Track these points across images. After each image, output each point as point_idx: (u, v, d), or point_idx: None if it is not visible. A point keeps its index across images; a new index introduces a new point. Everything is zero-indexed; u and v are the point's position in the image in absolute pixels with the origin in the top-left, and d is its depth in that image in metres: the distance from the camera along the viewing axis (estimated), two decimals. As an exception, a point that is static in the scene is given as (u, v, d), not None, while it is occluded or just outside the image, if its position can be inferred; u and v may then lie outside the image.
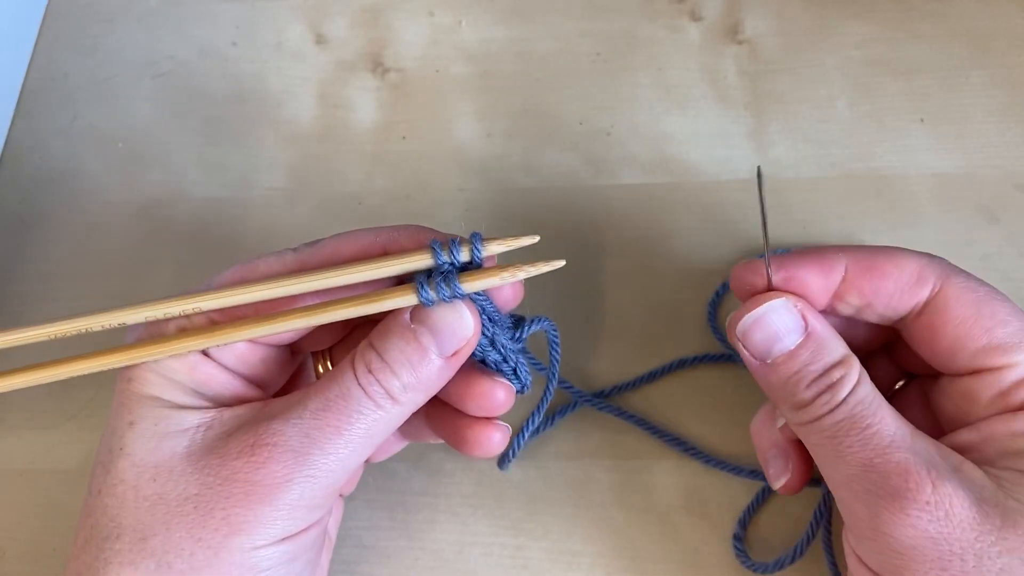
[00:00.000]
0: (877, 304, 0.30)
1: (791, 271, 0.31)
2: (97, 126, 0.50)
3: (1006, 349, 0.28)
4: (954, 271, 0.30)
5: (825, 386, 0.29)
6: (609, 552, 0.38)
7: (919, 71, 0.46)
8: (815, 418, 0.29)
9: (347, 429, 0.28)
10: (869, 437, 0.28)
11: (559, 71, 0.49)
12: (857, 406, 0.28)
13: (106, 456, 0.29)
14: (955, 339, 0.29)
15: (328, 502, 0.30)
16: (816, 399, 0.29)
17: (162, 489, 0.28)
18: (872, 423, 0.28)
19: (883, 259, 0.30)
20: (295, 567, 0.29)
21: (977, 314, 0.29)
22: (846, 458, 0.28)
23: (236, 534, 0.27)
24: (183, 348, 0.30)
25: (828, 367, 0.29)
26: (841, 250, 0.31)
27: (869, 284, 0.30)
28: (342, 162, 0.48)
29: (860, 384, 0.29)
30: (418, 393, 0.30)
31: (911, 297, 0.30)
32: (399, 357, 0.29)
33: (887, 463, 0.27)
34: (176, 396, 0.30)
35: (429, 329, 0.29)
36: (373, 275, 0.30)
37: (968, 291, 0.29)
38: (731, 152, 0.45)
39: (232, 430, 0.29)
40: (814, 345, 0.30)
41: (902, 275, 0.30)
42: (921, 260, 0.30)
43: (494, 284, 0.30)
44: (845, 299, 0.31)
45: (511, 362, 0.33)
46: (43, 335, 0.30)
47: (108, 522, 0.28)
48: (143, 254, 0.46)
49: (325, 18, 0.52)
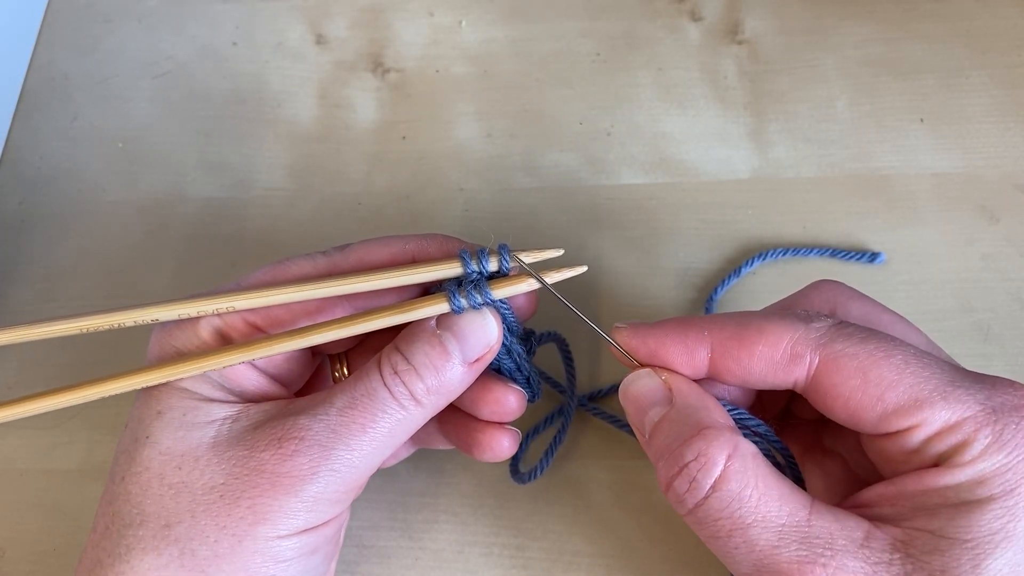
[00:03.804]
0: (751, 383, 0.29)
1: (654, 348, 0.29)
2: (97, 126, 0.50)
3: (903, 412, 0.26)
4: (832, 335, 0.27)
5: (688, 478, 0.27)
6: (609, 552, 0.38)
7: (919, 71, 0.46)
8: (689, 511, 0.27)
9: (372, 427, 0.29)
10: (753, 538, 0.26)
11: (559, 71, 0.49)
12: (730, 503, 0.26)
13: (130, 444, 0.30)
14: (848, 413, 0.27)
15: (349, 497, 0.30)
16: (686, 493, 0.27)
17: (187, 477, 0.29)
18: (752, 521, 0.26)
19: (751, 336, 0.28)
20: (314, 560, 0.30)
21: (863, 384, 0.26)
22: (737, 560, 0.26)
23: (260, 523, 0.28)
24: (221, 363, 0.30)
25: (685, 446, 0.27)
26: (705, 327, 0.29)
27: (736, 366, 0.28)
28: (342, 162, 0.48)
29: (729, 469, 0.26)
30: (440, 397, 0.30)
31: (787, 375, 0.28)
32: (425, 361, 0.30)
33: (778, 564, 0.25)
34: (204, 389, 0.31)
35: (455, 335, 0.30)
36: (404, 281, 0.31)
37: (848, 359, 0.26)
38: (731, 152, 0.45)
39: (259, 424, 0.30)
40: (676, 416, 0.28)
41: (774, 354, 0.27)
42: (794, 333, 0.27)
43: (522, 290, 0.31)
44: (719, 376, 0.29)
45: (524, 371, 0.34)
46: (74, 329, 0.30)
47: (131, 509, 0.29)
48: (143, 254, 0.46)
49: (325, 18, 0.52)
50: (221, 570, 0.28)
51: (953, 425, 0.25)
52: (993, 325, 0.40)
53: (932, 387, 0.26)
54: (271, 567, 0.28)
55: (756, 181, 0.45)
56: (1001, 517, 0.24)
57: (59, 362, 0.43)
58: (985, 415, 0.25)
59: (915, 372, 0.26)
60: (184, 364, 0.30)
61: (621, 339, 0.30)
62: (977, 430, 0.25)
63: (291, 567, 0.29)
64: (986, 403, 0.26)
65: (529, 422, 0.40)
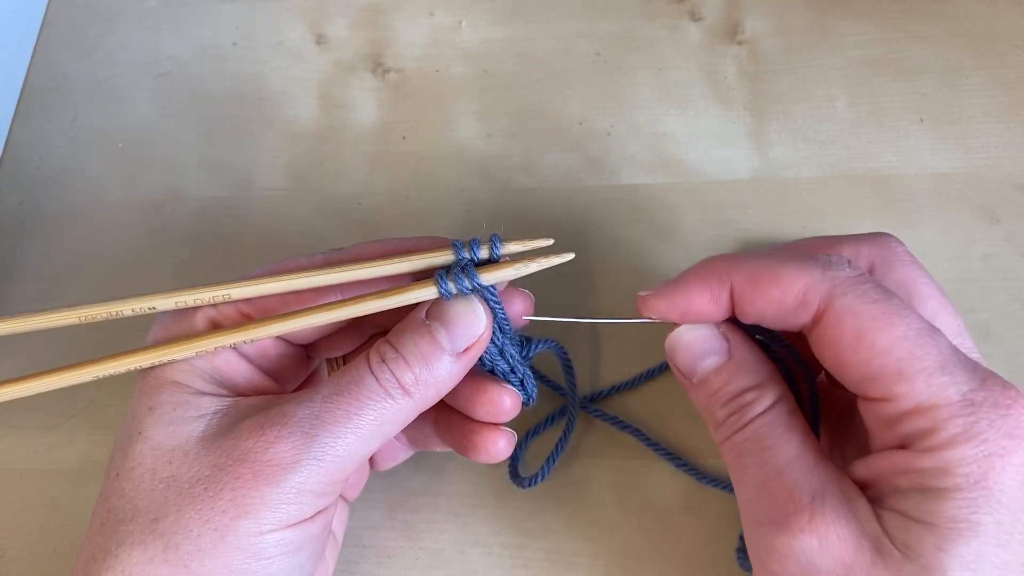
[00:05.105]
0: (765, 323, 0.30)
1: (684, 308, 0.30)
2: (97, 126, 0.50)
3: (882, 381, 0.26)
4: (845, 288, 0.27)
5: (737, 407, 0.29)
6: (609, 552, 0.38)
7: (919, 71, 0.46)
8: (727, 436, 0.29)
9: (356, 414, 0.29)
10: (766, 460, 0.28)
11: (559, 71, 0.49)
12: (762, 427, 0.28)
13: (125, 441, 0.30)
14: (836, 365, 0.28)
15: (333, 490, 0.30)
16: (728, 418, 0.29)
17: (176, 471, 0.29)
18: (770, 445, 0.28)
19: (765, 280, 0.28)
20: (299, 558, 0.30)
21: (856, 344, 0.27)
22: (745, 479, 0.28)
23: (242, 517, 0.28)
24: (212, 344, 0.30)
25: (743, 390, 0.29)
26: (725, 270, 0.29)
27: (751, 308, 0.29)
28: (342, 162, 0.48)
29: (772, 408, 0.29)
30: (429, 388, 0.30)
31: (795, 319, 0.28)
32: (413, 350, 0.30)
33: (775, 487, 0.27)
34: (196, 382, 0.31)
35: (443, 325, 0.30)
36: (397, 269, 0.31)
37: (851, 316, 0.27)
38: (731, 152, 0.45)
39: (247, 415, 0.30)
40: (733, 367, 0.30)
41: (785, 299, 0.28)
42: (810, 278, 0.28)
43: (509, 275, 0.31)
44: (737, 315, 0.30)
45: (519, 373, 0.34)
46: (72, 318, 0.31)
47: (124, 504, 0.29)
48: (143, 254, 0.46)
49: (325, 18, 0.52)
50: (203, 565, 0.28)
51: (926, 408, 0.25)
52: (993, 325, 0.40)
53: (919, 366, 0.26)
54: (253, 564, 0.28)
55: (756, 181, 0.45)
56: (964, 508, 0.25)
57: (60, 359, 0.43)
58: (962, 406, 0.25)
59: (910, 347, 0.26)
60: (176, 345, 0.30)
61: (648, 308, 0.31)
62: (949, 419, 0.25)
63: (274, 564, 0.29)
64: (968, 395, 0.25)
65: (528, 423, 0.40)
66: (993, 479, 0.25)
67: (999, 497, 0.24)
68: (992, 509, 0.24)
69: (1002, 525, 0.24)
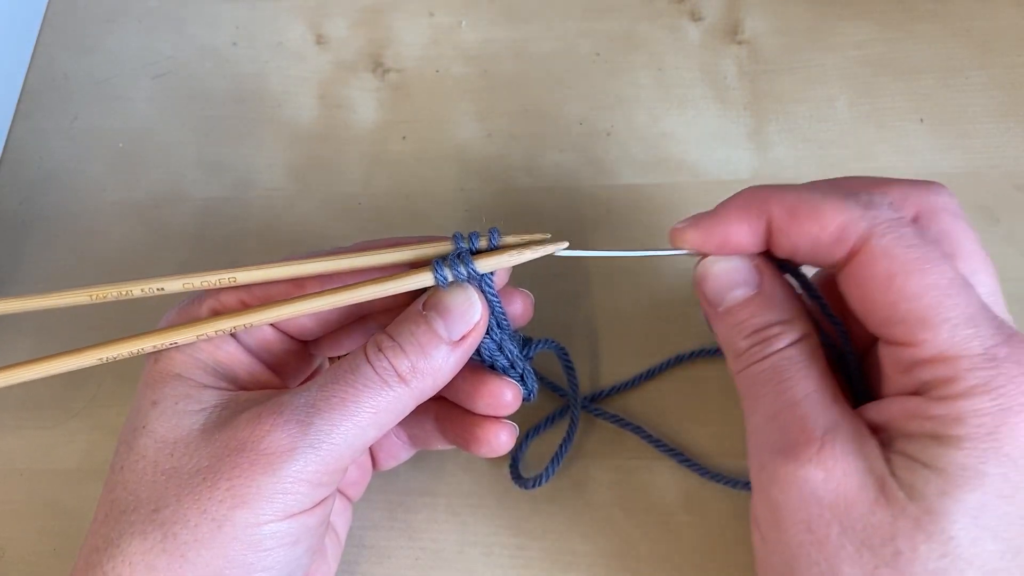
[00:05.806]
0: (798, 258, 0.30)
1: (722, 239, 0.30)
2: (97, 126, 0.50)
3: (906, 325, 0.26)
4: (884, 229, 0.27)
5: (760, 338, 0.29)
6: (609, 552, 0.38)
7: (919, 71, 0.46)
8: (745, 366, 0.29)
9: (353, 402, 0.29)
10: (782, 391, 0.28)
11: (559, 71, 0.49)
12: (783, 360, 0.28)
13: (129, 435, 0.31)
14: (862, 305, 0.28)
15: (331, 480, 0.30)
16: (750, 348, 0.29)
17: (178, 463, 0.29)
18: (789, 378, 0.28)
19: (804, 214, 0.28)
20: (297, 551, 0.30)
21: (886, 286, 0.26)
22: (757, 408, 0.28)
23: (240, 507, 0.28)
24: (213, 327, 0.31)
25: (769, 323, 0.29)
26: (766, 201, 0.29)
27: (786, 241, 0.29)
28: (342, 162, 0.48)
29: (795, 344, 0.29)
30: (426, 377, 0.30)
31: (829, 255, 0.28)
32: (409, 338, 0.30)
33: (788, 417, 0.27)
34: (199, 375, 0.31)
35: (439, 313, 0.31)
36: (398, 258, 0.32)
37: (885, 258, 0.26)
38: (731, 152, 0.45)
39: (246, 408, 0.30)
40: (762, 301, 0.30)
41: (822, 232, 0.28)
42: (848, 217, 0.27)
43: (504, 263, 0.31)
44: (770, 246, 0.30)
45: (518, 368, 0.34)
46: (83, 296, 0.32)
47: (127, 496, 0.29)
48: (143, 254, 0.46)
49: (325, 18, 0.52)
50: (200, 555, 0.28)
51: (948, 358, 0.25)
52: (993, 325, 0.40)
53: (946, 316, 0.26)
54: (249, 555, 0.28)
55: (756, 181, 0.44)
56: (973, 457, 0.25)
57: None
58: (984, 360, 0.25)
59: (939, 296, 0.26)
60: (178, 329, 0.31)
61: (684, 239, 0.31)
62: (969, 370, 0.25)
63: (270, 556, 0.29)
64: (991, 350, 0.25)
65: (529, 422, 0.40)
66: (1005, 433, 0.25)
67: (1008, 451, 0.25)
68: (1000, 462, 0.25)
69: (1008, 479, 0.25)
